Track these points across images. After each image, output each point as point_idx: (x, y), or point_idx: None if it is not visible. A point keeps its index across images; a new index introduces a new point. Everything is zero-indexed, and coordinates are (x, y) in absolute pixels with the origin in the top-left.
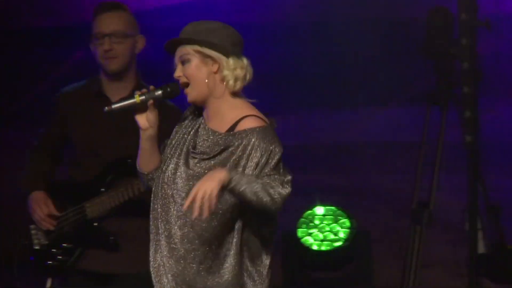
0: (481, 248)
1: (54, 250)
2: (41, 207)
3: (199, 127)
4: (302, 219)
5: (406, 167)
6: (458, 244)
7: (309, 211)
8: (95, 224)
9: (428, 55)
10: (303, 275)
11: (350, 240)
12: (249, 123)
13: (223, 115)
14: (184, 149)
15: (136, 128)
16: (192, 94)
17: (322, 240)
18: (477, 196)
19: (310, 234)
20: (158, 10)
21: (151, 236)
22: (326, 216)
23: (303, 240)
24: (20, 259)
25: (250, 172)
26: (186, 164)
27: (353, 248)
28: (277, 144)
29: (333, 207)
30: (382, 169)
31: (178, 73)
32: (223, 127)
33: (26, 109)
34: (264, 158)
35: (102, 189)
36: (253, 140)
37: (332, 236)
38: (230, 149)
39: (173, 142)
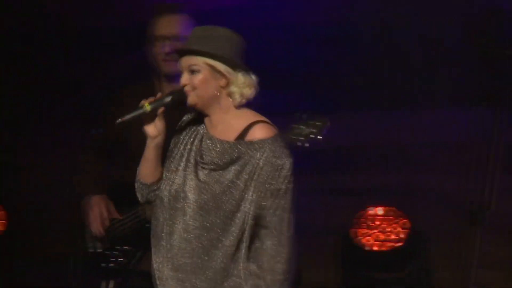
0: None
1: (116, 253)
2: (94, 210)
3: (203, 136)
4: (363, 220)
5: (464, 168)
6: None
7: (370, 212)
8: (148, 226)
9: (484, 56)
10: (364, 275)
11: (411, 240)
12: (259, 131)
13: (229, 123)
14: (191, 160)
15: None
16: (194, 99)
17: (382, 241)
18: None
19: (370, 235)
20: (219, 10)
21: (152, 243)
22: (386, 217)
23: (363, 241)
24: (78, 262)
25: (259, 186)
26: (196, 176)
27: (412, 249)
28: (285, 156)
29: (393, 208)
30: (440, 169)
31: (185, 80)
32: (230, 136)
33: (79, 109)
34: (272, 173)
35: None
36: (265, 153)
37: (392, 237)
38: (242, 160)
39: (175, 153)
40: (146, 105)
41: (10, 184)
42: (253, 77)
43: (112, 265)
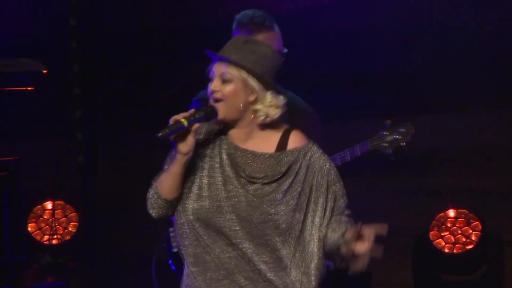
0: None
1: None
2: None
3: (233, 152)
4: (435, 222)
5: None
6: None
7: (441, 214)
8: None
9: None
10: (435, 277)
11: (482, 243)
12: (299, 138)
13: (262, 135)
14: (231, 175)
15: None
16: (223, 112)
17: (454, 243)
18: None
19: (442, 237)
20: (295, 12)
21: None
22: (458, 219)
23: (435, 242)
24: (159, 261)
25: (321, 190)
26: (246, 190)
27: (485, 251)
28: (327, 157)
29: (465, 210)
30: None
31: (216, 87)
32: (269, 147)
33: (161, 110)
34: (328, 176)
35: None
36: (313, 157)
37: (464, 239)
38: (295, 168)
39: (203, 172)
40: (184, 121)
41: (85, 185)
42: (282, 98)
43: None
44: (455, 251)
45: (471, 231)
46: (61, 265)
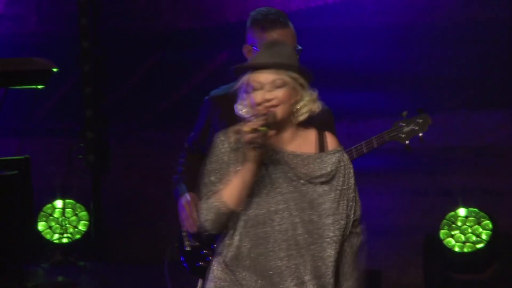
0: None
1: (205, 251)
2: (191, 208)
3: (276, 153)
4: (445, 221)
5: None
6: None
7: (452, 213)
8: None
9: None
10: (445, 276)
11: (493, 242)
12: (333, 139)
13: (301, 137)
14: (279, 178)
15: None
16: (280, 115)
17: (464, 242)
18: None
19: (452, 236)
20: (304, 11)
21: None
22: (468, 218)
23: (445, 241)
24: (171, 260)
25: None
26: (305, 191)
27: (495, 250)
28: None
29: (475, 209)
30: None
31: (270, 95)
32: (311, 148)
33: (171, 110)
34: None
35: None
36: (345, 156)
37: (474, 238)
38: (340, 167)
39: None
40: (265, 129)
41: (96, 184)
42: (316, 90)
43: (200, 263)
44: (465, 250)
45: (481, 230)
46: (71, 264)
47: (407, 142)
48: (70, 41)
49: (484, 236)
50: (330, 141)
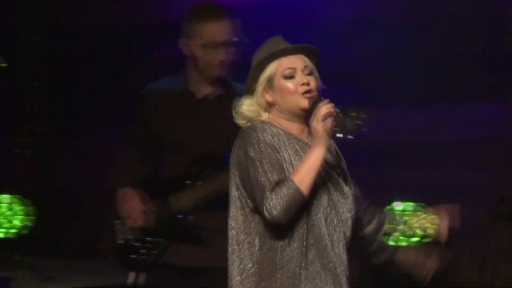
0: None
1: (139, 244)
2: (128, 202)
3: (300, 145)
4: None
5: (488, 164)
6: None
7: (388, 207)
8: (180, 217)
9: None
10: (382, 270)
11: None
12: None
13: (306, 126)
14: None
15: (222, 122)
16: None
17: (409, 236)
18: None
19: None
20: (250, 6)
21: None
22: (405, 212)
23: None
24: (105, 254)
25: None
26: (341, 192)
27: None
28: None
29: (412, 203)
30: (464, 166)
31: (308, 80)
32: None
33: (113, 104)
34: None
35: (188, 182)
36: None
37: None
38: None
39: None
40: (338, 109)
41: (40, 180)
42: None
43: (143, 257)
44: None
45: (428, 225)
46: (16, 259)
47: (350, 137)
48: (10, 35)
49: (430, 231)
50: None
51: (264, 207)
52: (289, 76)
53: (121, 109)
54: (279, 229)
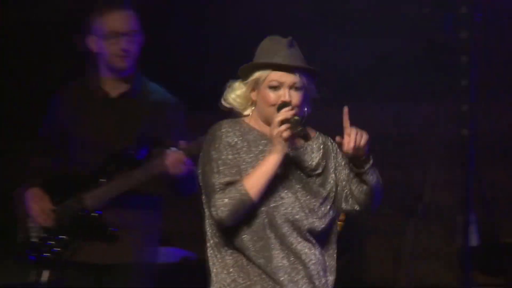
0: (474, 241)
1: (52, 242)
2: (37, 203)
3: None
4: None
5: (403, 161)
6: (451, 237)
7: None
8: (93, 215)
9: (428, 49)
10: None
11: (344, 230)
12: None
13: None
14: (293, 176)
15: (133, 120)
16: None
17: None
18: (471, 190)
19: None
20: None
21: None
22: None
23: None
24: (18, 252)
25: None
26: (308, 189)
27: (347, 239)
28: None
29: None
30: (379, 163)
31: (289, 97)
32: (297, 140)
33: (24, 105)
34: None
35: (102, 180)
36: (326, 139)
37: None
38: (327, 151)
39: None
40: (296, 118)
41: None
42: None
43: (46, 254)
44: None
45: None
46: None
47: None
48: None
49: None
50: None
51: (212, 207)
52: (274, 87)
53: (32, 108)
54: (235, 231)
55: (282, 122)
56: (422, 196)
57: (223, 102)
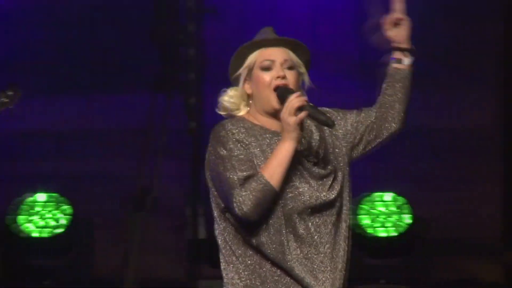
0: (202, 234)
1: None
2: None
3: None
4: (23, 206)
5: (131, 154)
6: (180, 230)
7: (30, 198)
8: None
9: (153, 41)
10: (22, 263)
11: (72, 227)
12: None
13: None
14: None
15: None
16: None
17: (43, 227)
18: (199, 182)
19: (30, 221)
20: None
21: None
22: (47, 203)
23: (23, 226)
24: None
25: None
26: (314, 177)
27: (74, 235)
28: None
29: (55, 194)
30: (106, 155)
31: (282, 73)
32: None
33: None
34: None
35: None
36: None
37: (53, 223)
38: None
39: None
40: (310, 104)
41: None
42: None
43: None
44: (43, 235)
45: (60, 215)
46: None
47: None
48: None
49: (63, 221)
50: None
51: (234, 203)
52: (267, 67)
53: None
54: (253, 228)
55: (299, 108)
56: (151, 189)
57: (217, 109)
